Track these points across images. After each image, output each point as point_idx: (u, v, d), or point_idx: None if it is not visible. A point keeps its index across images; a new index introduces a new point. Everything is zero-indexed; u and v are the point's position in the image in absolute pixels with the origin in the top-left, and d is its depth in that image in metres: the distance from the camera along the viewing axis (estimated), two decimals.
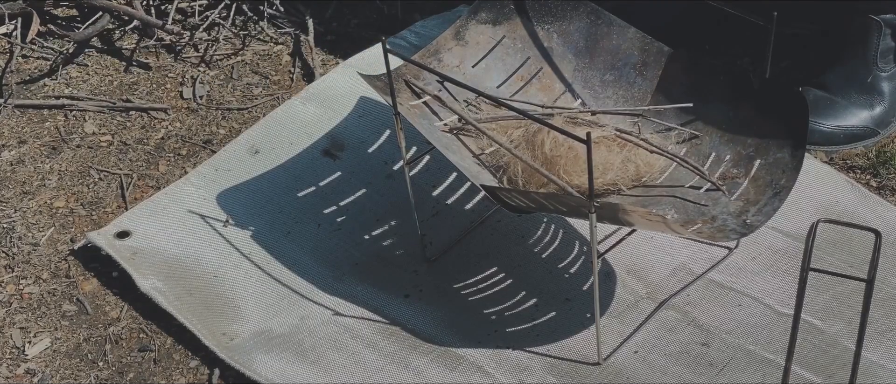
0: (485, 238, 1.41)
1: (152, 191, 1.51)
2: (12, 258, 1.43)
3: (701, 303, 1.30)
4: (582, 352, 1.26)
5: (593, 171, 1.03)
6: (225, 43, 1.78)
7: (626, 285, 1.33)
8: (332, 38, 1.78)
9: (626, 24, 1.32)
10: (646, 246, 1.37)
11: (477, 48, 1.33)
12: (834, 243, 1.36)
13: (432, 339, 1.29)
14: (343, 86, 1.62)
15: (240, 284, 1.36)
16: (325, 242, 1.41)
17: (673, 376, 1.23)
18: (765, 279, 1.33)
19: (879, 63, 1.51)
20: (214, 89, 1.70)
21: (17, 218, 1.48)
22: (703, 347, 1.26)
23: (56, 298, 1.37)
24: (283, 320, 1.31)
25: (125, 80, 1.72)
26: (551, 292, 1.33)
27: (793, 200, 1.20)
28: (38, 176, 1.55)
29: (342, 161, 1.53)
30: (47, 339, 1.32)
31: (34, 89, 1.71)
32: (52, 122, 1.64)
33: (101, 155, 1.58)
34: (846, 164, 1.49)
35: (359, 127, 1.57)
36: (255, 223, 1.44)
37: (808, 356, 1.23)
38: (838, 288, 1.30)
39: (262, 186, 1.49)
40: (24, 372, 1.29)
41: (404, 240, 1.41)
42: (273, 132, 1.57)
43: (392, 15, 1.81)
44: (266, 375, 1.24)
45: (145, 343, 1.32)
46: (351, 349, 1.28)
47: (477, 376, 1.24)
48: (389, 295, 1.34)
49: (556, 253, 1.38)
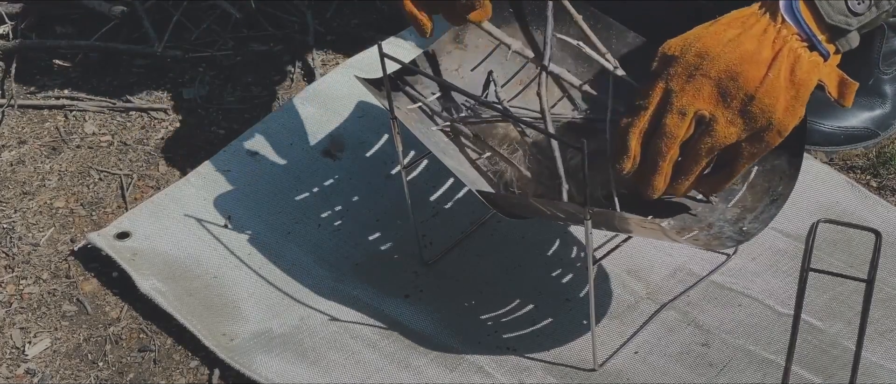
0: (485, 239, 1.41)
1: (152, 191, 1.51)
2: (12, 258, 1.43)
3: (701, 304, 1.30)
4: (582, 353, 1.26)
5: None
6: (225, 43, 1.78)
7: (625, 286, 1.33)
8: (332, 38, 1.78)
9: (625, 28, 1.32)
10: (646, 246, 1.37)
11: (476, 52, 1.33)
12: (834, 243, 1.36)
13: (432, 340, 1.29)
14: (343, 86, 1.62)
15: (240, 285, 1.36)
16: (325, 243, 1.41)
17: (673, 376, 1.23)
18: (765, 279, 1.33)
19: (881, 66, 1.51)
20: (214, 89, 1.70)
21: (17, 218, 1.48)
22: (703, 348, 1.26)
23: (56, 298, 1.37)
24: (283, 320, 1.31)
25: (125, 80, 1.72)
26: (551, 293, 1.33)
27: (793, 201, 1.20)
28: (38, 176, 1.55)
29: (342, 162, 1.53)
30: (47, 340, 1.32)
31: (34, 89, 1.71)
32: (52, 122, 1.64)
33: (101, 155, 1.58)
34: (846, 164, 1.49)
35: (359, 127, 1.57)
36: (255, 223, 1.44)
37: (809, 356, 1.24)
38: (838, 288, 1.30)
39: (262, 187, 1.49)
40: (24, 372, 1.29)
41: (404, 240, 1.41)
42: (273, 132, 1.57)
43: (392, 15, 1.81)
44: (266, 375, 1.24)
45: (145, 343, 1.32)
46: (351, 349, 1.28)
47: (477, 376, 1.24)
48: (389, 295, 1.34)
49: (556, 254, 1.38)
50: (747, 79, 1.06)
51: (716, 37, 1.08)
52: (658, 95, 1.10)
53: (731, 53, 1.06)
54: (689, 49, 1.08)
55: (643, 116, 1.11)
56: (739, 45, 1.07)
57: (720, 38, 1.08)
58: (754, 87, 1.06)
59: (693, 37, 1.09)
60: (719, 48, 1.07)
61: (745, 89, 1.06)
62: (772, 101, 1.06)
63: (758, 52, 1.06)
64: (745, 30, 1.07)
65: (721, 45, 1.07)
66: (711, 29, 1.09)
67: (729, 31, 1.08)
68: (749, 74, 1.06)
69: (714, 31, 1.09)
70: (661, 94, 1.10)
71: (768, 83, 1.06)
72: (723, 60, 1.07)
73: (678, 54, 1.09)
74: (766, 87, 1.06)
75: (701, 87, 1.07)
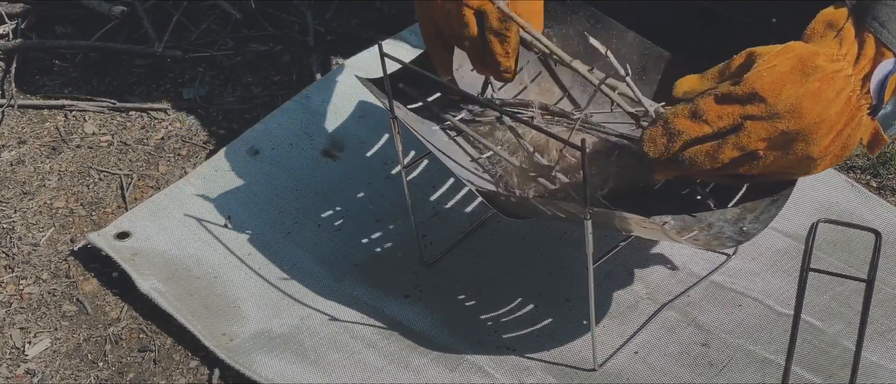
0: (485, 239, 1.41)
1: (152, 191, 1.51)
2: (12, 258, 1.43)
3: (701, 304, 1.30)
4: (582, 354, 1.26)
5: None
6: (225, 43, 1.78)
7: (626, 286, 1.33)
8: (332, 38, 1.78)
9: (626, 29, 1.32)
10: (646, 246, 1.37)
11: None
12: (834, 243, 1.36)
13: (432, 340, 1.29)
14: (343, 86, 1.62)
15: (240, 285, 1.36)
16: (325, 243, 1.41)
17: (673, 376, 1.23)
18: (765, 279, 1.33)
19: None
20: (214, 89, 1.70)
21: (17, 218, 1.48)
22: (703, 347, 1.26)
23: (56, 298, 1.37)
24: (283, 320, 1.31)
25: (125, 80, 1.72)
26: (551, 293, 1.33)
27: (793, 200, 1.20)
28: (38, 176, 1.55)
29: (342, 162, 1.53)
30: (47, 340, 1.32)
31: (34, 89, 1.71)
32: (52, 122, 1.64)
33: (101, 155, 1.58)
34: (846, 164, 1.49)
35: (359, 127, 1.57)
36: (255, 223, 1.44)
37: (809, 356, 1.24)
38: (838, 288, 1.30)
39: (262, 187, 1.49)
40: (24, 372, 1.29)
41: (404, 240, 1.41)
42: (273, 132, 1.57)
43: (392, 15, 1.81)
44: (266, 375, 1.24)
45: (145, 343, 1.32)
46: (351, 349, 1.28)
47: (477, 376, 1.24)
48: (389, 295, 1.34)
49: (556, 254, 1.38)
50: (818, 144, 1.04)
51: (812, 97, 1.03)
52: (729, 125, 1.05)
53: (821, 121, 1.03)
54: (784, 100, 1.02)
55: (704, 132, 1.06)
56: (828, 113, 1.03)
57: (815, 101, 1.03)
58: (819, 152, 1.05)
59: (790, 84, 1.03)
60: (814, 114, 1.03)
61: (809, 152, 1.05)
62: (820, 160, 1.06)
63: (837, 123, 1.04)
64: (837, 96, 1.03)
65: (816, 110, 1.03)
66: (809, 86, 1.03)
67: (824, 92, 1.03)
68: (821, 142, 1.04)
69: (812, 90, 1.03)
70: (730, 124, 1.05)
71: (828, 147, 1.05)
72: (807, 125, 1.03)
73: (770, 99, 1.03)
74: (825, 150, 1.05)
75: (773, 137, 1.04)
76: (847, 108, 1.04)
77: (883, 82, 1.05)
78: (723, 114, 1.05)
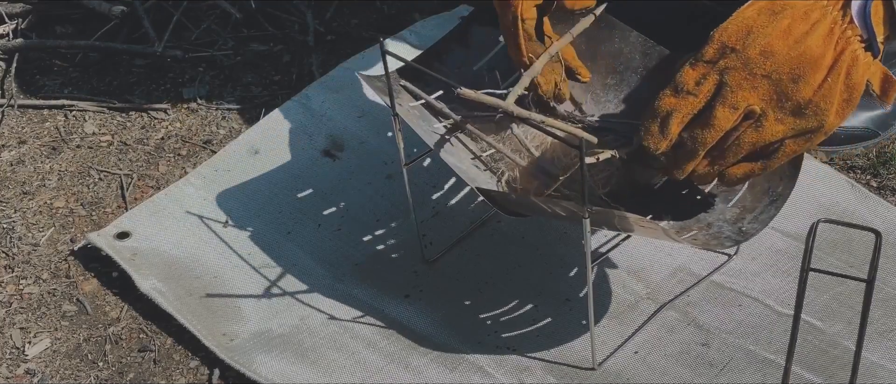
0: (485, 238, 1.41)
1: (152, 191, 1.51)
2: (12, 258, 1.43)
3: (701, 304, 1.30)
4: (582, 353, 1.26)
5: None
6: (225, 43, 1.78)
7: (626, 286, 1.33)
8: (332, 38, 1.78)
9: (629, 28, 1.32)
10: (646, 246, 1.37)
11: (480, 51, 1.33)
12: (834, 243, 1.36)
13: (432, 340, 1.29)
14: (343, 86, 1.62)
15: (240, 285, 1.36)
16: (325, 243, 1.41)
17: (673, 376, 1.23)
18: (765, 279, 1.33)
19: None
20: (214, 89, 1.70)
21: (17, 218, 1.48)
22: (703, 347, 1.26)
23: (56, 298, 1.37)
24: (283, 320, 1.31)
25: (125, 80, 1.72)
26: (551, 293, 1.33)
27: (793, 200, 1.20)
28: (38, 176, 1.55)
29: (342, 161, 1.53)
30: (47, 340, 1.32)
31: (34, 89, 1.71)
32: (52, 122, 1.64)
33: (101, 155, 1.58)
34: (846, 164, 1.49)
35: (359, 127, 1.57)
36: (255, 223, 1.44)
37: (809, 356, 1.24)
38: (838, 288, 1.30)
39: (262, 187, 1.49)
40: (23, 372, 1.29)
41: (404, 240, 1.41)
42: (273, 132, 1.57)
43: (392, 15, 1.81)
44: (266, 375, 1.24)
45: (145, 343, 1.32)
46: (351, 349, 1.28)
47: (477, 376, 1.24)
48: (389, 295, 1.34)
49: (557, 253, 1.38)
50: (808, 83, 1.02)
51: (782, 35, 1.03)
52: (711, 86, 1.05)
53: (797, 55, 1.02)
54: (753, 44, 1.03)
55: (691, 103, 1.06)
56: (805, 46, 1.02)
57: (786, 37, 1.03)
58: (813, 91, 1.03)
59: (756, 27, 1.04)
60: (786, 49, 1.02)
61: (804, 93, 1.03)
62: (827, 106, 1.03)
63: (822, 56, 1.02)
64: (812, 28, 1.03)
65: (787, 45, 1.03)
66: (777, 24, 1.03)
67: (795, 27, 1.03)
68: (811, 79, 1.02)
69: (781, 27, 1.03)
70: (714, 85, 1.05)
71: (826, 87, 1.03)
72: (787, 62, 1.03)
73: (739, 47, 1.04)
74: (824, 91, 1.03)
75: (759, 85, 1.04)
76: (831, 40, 1.03)
77: (864, 8, 1.03)
78: (699, 76, 1.06)
